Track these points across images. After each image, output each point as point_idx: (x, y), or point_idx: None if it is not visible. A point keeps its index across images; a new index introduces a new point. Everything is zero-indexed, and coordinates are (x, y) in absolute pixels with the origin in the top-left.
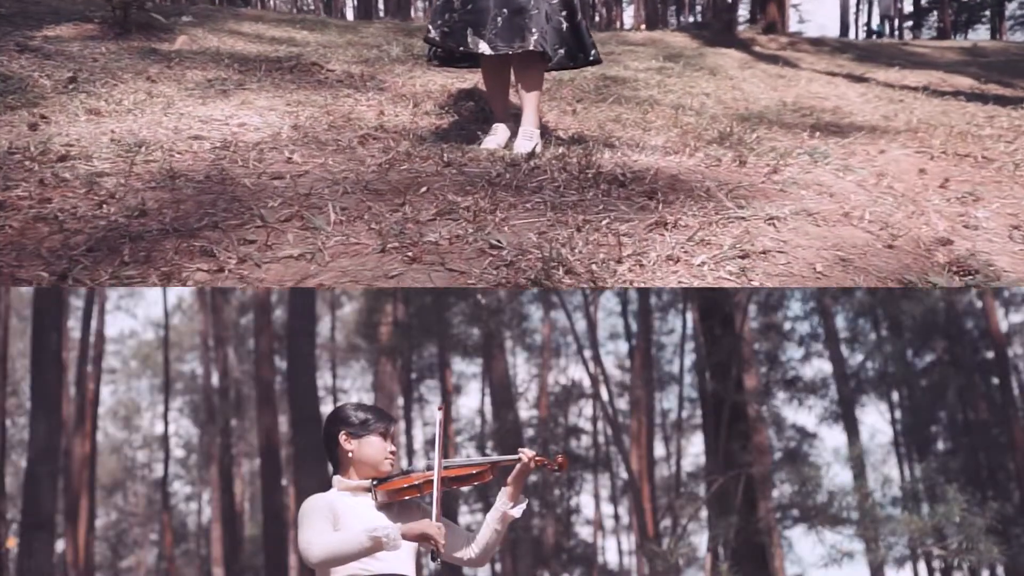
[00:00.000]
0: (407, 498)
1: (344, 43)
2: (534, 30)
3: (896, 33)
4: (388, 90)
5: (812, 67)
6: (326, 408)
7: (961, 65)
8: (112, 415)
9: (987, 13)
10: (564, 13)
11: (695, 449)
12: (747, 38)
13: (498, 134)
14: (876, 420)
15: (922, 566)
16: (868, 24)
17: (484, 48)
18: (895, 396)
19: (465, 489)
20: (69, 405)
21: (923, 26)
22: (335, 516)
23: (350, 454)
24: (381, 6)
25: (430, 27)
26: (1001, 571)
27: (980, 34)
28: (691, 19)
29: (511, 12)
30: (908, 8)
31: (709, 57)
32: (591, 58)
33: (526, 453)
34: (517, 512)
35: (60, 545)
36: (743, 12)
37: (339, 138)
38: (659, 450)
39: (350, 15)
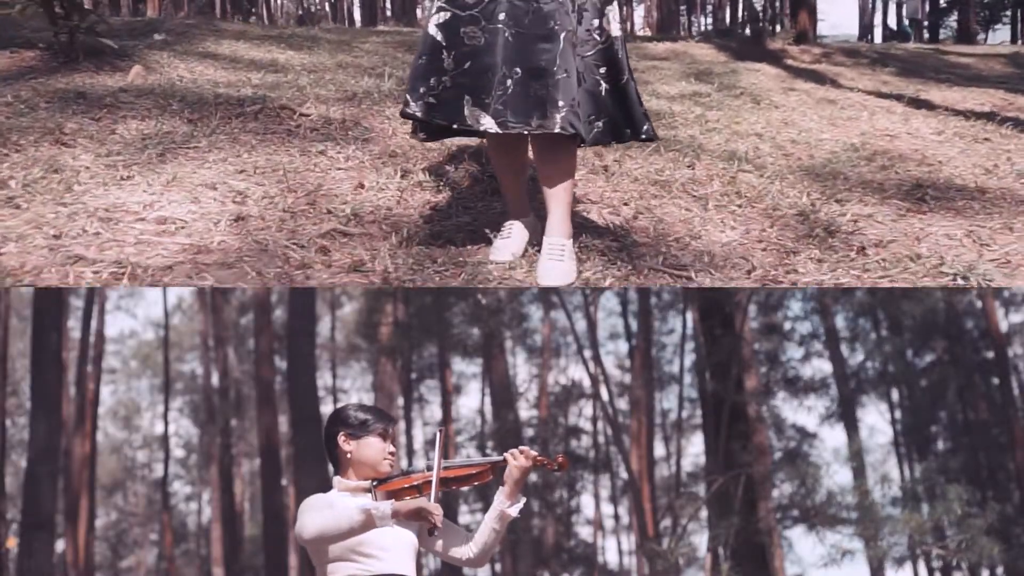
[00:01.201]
0: (407, 498)
1: (334, 66)
2: (561, 102)
3: (921, 34)
4: (374, 141)
5: (857, 85)
6: (326, 408)
7: (1016, 80)
8: (112, 415)
9: (1008, 13)
10: (603, 70)
11: (695, 449)
12: (778, 49)
13: (512, 237)
14: (876, 420)
15: (922, 566)
16: (885, 22)
17: (489, 124)
18: (895, 396)
19: (465, 489)
20: (69, 405)
21: (941, 26)
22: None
23: (349, 455)
24: (388, 4)
25: (408, 97)
26: (1001, 571)
27: (1000, 35)
28: (703, 20)
29: (527, 74)
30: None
31: (743, 75)
32: (643, 135)
33: (517, 454)
34: (515, 511)
35: (60, 545)
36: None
37: (296, 239)
38: (659, 450)
39: (357, 15)
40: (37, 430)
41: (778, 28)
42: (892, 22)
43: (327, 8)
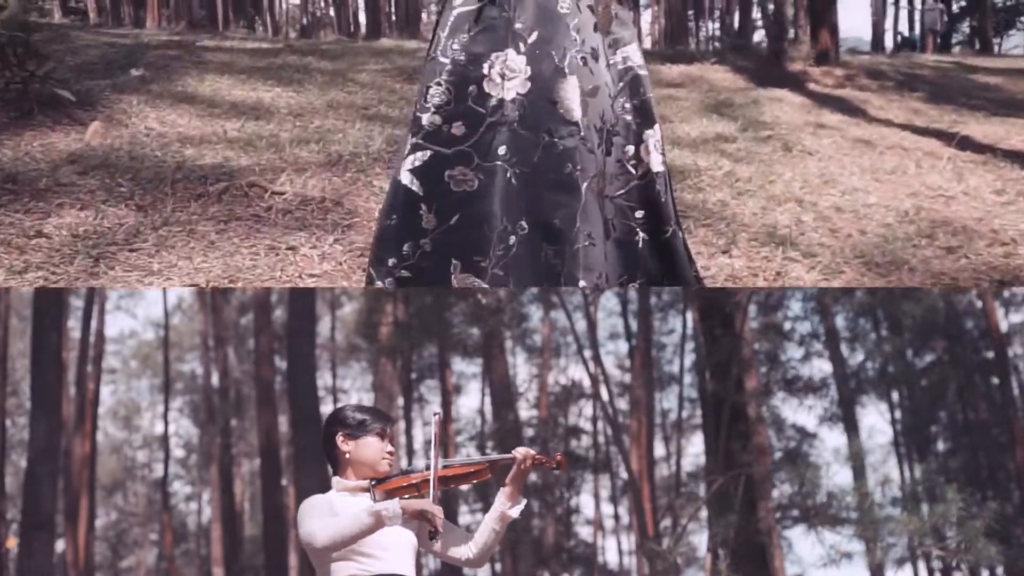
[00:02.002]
0: (406, 497)
1: (323, 107)
2: (582, 281)
3: (936, 42)
4: (356, 229)
5: (887, 115)
6: (326, 408)
7: None
8: (112, 415)
9: (1023, 18)
10: (640, 215)
11: (695, 449)
12: (799, 71)
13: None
14: (876, 420)
15: (922, 566)
16: (896, 29)
17: (480, 284)
18: (895, 396)
19: (465, 488)
20: (69, 405)
21: (955, 31)
22: (334, 514)
23: (347, 455)
24: (393, 9)
25: (372, 271)
26: (1001, 572)
27: (1014, 40)
28: (711, 25)
29: (537, 232)
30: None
31: (765, 106)
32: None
33: (520, 452)
34: (515, 512)
35: (60, 545)
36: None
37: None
38: (659, 450)
39: (362, 18)
40: (37, 430)
41: (791, 33)
42: (904, 27)
43: (331, 13)
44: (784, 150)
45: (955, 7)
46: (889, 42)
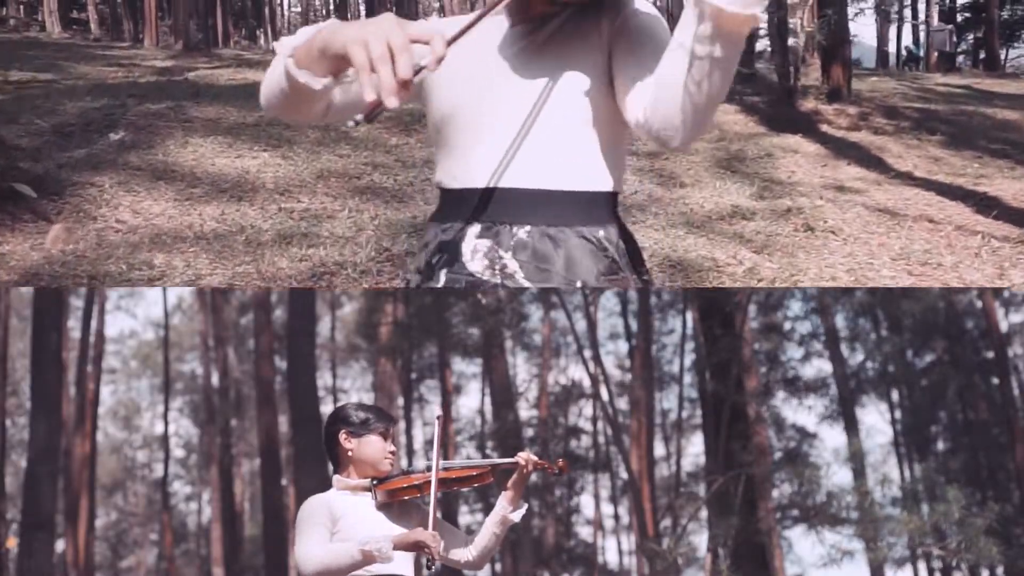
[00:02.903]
0: (407, 498)
1: (312, 178)
2: None
3: (931, 59)
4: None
5: (907, 168)
6: (326, 408)
7: None
8: (112, 415)
9: None
10: None
11: (695, 449)
12: (811, 111)
13: None
14: (876, 420)
15: (922, 566)
16: (899, 46)
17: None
18: (895, 396)
19: (465, 490)
20: (69, 405)
21: (960, 43)
22: (333, 519)
23: (350, 453)
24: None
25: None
26: (1001, 572)
27: (1019, 50)
28: None
29: None
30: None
31: (780, 160)
32: None
33: (523, 457)
34: (517, 517)
35: (60, 545)
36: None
37: None
38: (659, 450)
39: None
40: (37, 430)
41: (800, 51)
42: (908, 38)
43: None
44: (806, 229)
45: (959, 17)
46: (893, 57)
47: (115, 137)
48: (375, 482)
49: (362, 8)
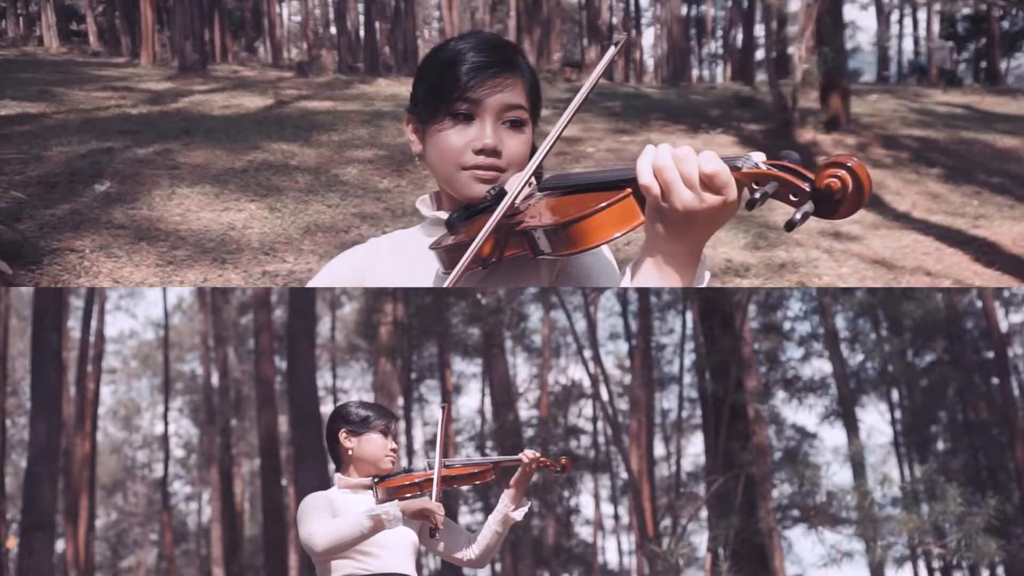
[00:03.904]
0: (408, 495)
1: (300, 232)
2: None
3: (931, 73)
4: None
5: (905, 208)
6: (326, 408)
7: None
8: (112, 415)
9: None
10: None
11: (695, 449)
12: (809, 142)
13: None
14: (876, 420)
15: (922, 565)
16: (900, 61)
17: None
18: (895, 396)
19: (465, 488)
20: (69, 405)
21: (961, 52)
22: (334, 512)
23: (350, 451)
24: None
25: None
26: (1001, 571)
27: (1020, 60)
28: (713, 45)
29: None
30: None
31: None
32: None
33: (527, 455)
34: (519, 515)
35: (60, 545)
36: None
37: None
38: (659, 450)
39: (362, 30)
40: (37, 430)
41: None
42: (908, 49)
43: (332, 31)
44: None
45: (960, 28)
46: (893, 69)
47: (100, 188)
48: (376, 480)
49: (361, 18)
